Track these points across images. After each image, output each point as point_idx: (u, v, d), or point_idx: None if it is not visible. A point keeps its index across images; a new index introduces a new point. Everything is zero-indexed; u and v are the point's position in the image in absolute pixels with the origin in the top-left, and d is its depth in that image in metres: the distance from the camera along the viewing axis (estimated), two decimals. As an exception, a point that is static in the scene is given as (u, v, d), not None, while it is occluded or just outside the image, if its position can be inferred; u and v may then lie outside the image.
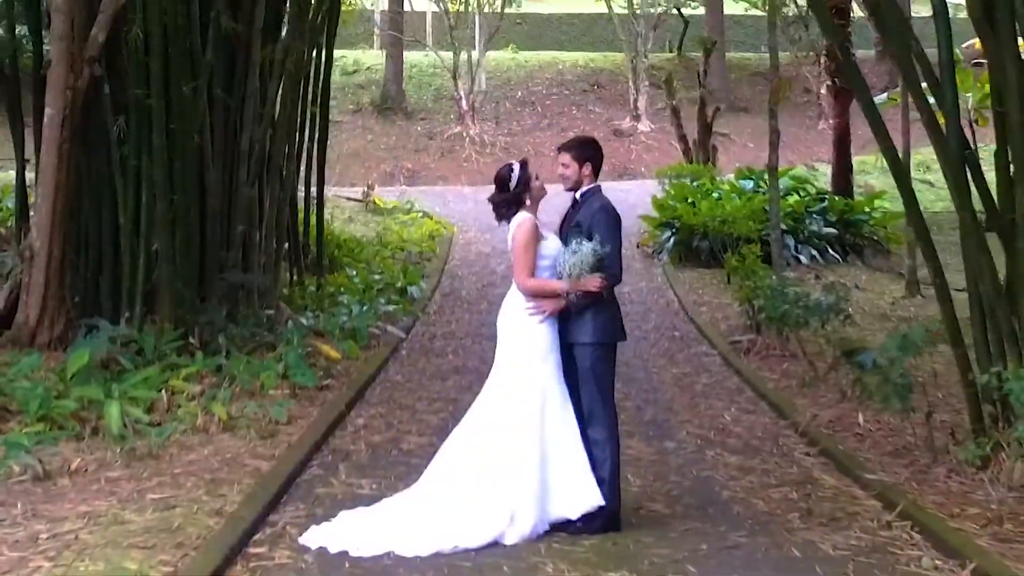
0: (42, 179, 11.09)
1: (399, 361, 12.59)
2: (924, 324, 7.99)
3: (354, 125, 37.65)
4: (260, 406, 9.22)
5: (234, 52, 12.31)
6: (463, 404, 9.74)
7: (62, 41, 10.84)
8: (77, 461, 7.79)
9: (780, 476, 7.88)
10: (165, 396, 9.39)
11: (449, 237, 24.14)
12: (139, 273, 11.22)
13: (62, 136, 10.95)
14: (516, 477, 6.17)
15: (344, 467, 7.90)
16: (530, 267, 6.41)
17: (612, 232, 6.45)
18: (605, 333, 6.52)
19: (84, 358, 9.49)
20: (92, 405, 8.80)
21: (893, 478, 7.58)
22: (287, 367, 10.14)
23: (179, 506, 6.65)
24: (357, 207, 26.32)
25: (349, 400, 10.00)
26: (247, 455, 8.00)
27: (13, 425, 8.48)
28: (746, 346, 13.19)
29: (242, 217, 12.43)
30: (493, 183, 6.76)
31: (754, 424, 9.68)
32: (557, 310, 6.42)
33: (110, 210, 11.51)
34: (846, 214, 21.82)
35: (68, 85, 10.91)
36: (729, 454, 8.50)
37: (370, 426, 9.31)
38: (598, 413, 6.45)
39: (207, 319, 11.27)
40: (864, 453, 8.41)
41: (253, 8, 12.25)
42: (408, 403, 10.31)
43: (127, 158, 11.22)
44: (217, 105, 11.89)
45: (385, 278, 17.62)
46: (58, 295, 11.19)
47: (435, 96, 40.01)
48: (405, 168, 35.05)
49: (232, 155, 12.34)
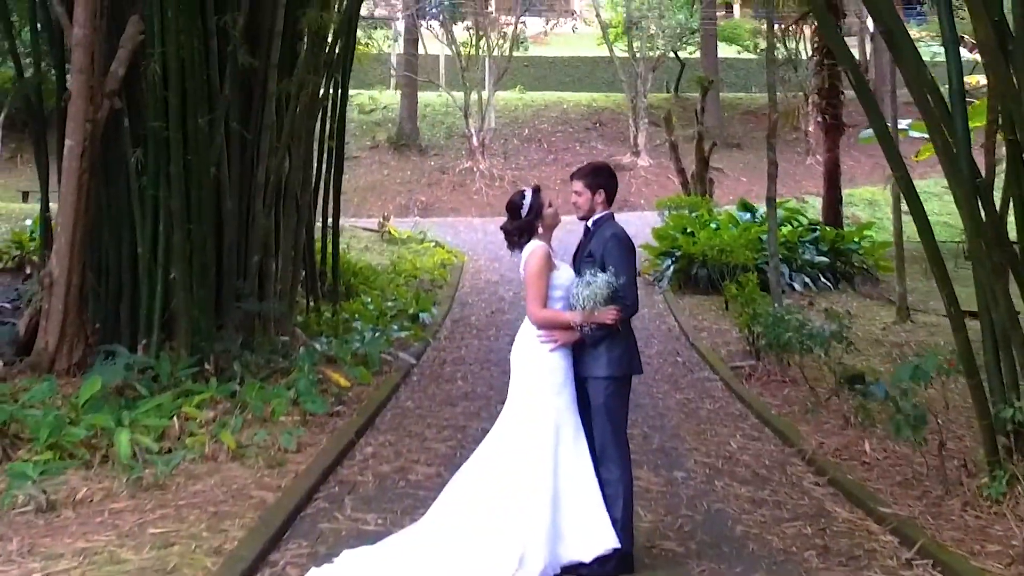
0: (61, 208, 10.53)
1: (410, 387, 11.90)
2: (937, 353, 7.25)
3: (371, 160, 37.38)
4: (269, 434, 8.56)
5: (251, 86, 11.73)
6: (471, 431, 9.14)
7: (82, 74, 10.27)
8: (83, 491, 7.15)
9: (792, 509, 7.19)
10: (177, 423, 8.74)
11: (460, 265, 23.52)
12: (156, 301, 10.60)
13: (81, 167, 10.39)
14: (526, 516, 5.45)
15: (350, 500, 7.19)
16: (542, 297, 5.75)
17: (625, 261, 5.79)
18: (620, 366, 5.83)
19: (96, 385, 8.87)
20: (104, 433, 8.15)
21: (907, 511, 6.91)
22: (298, 394, 9.49)
23: (178, 543, 5.99)
24: (373, 237, 25.86)
25: (359, 427, 9.30)
26: (253, 486, 7.31)
27: (23, 453, 7.88)
28: (747, 371, 12.57)
29: (258, 247, 11.81)
30: (505, 210, 6.07)
31: (761, 452, 8.98)
32: (570, 341, 5.75)
33: (129, 239, 10.91)
34: (837, 244, 21.41)
35: (88, 117, 10.35)
36: (739, 484, 7.80)
37: (379, 455, 8.59)
38: (610, 451, 5.77)
39: (223, 346, 10.66)
40: (874, 483, 7.72)
41: (270, 43, 11.69)
42: (417, 430, 9.58)
43: (145, 189, 10.63)
44: (234, 137, 11.28)
45: (398, 305, 17.03)
46: (77, 322, 10.62)
47: (447, 133, 39.64)
48: (419, 201, 34.61)
49: (249, 186, 11.74)
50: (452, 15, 38.46)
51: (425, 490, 7.10)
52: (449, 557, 5.45)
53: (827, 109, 23.37)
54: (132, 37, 10.61)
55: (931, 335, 15.07)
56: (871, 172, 37.52)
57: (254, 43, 11.56)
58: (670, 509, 7.10)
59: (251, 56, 11.25)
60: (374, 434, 9.40)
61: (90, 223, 10.79)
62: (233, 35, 10.84)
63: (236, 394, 9.62)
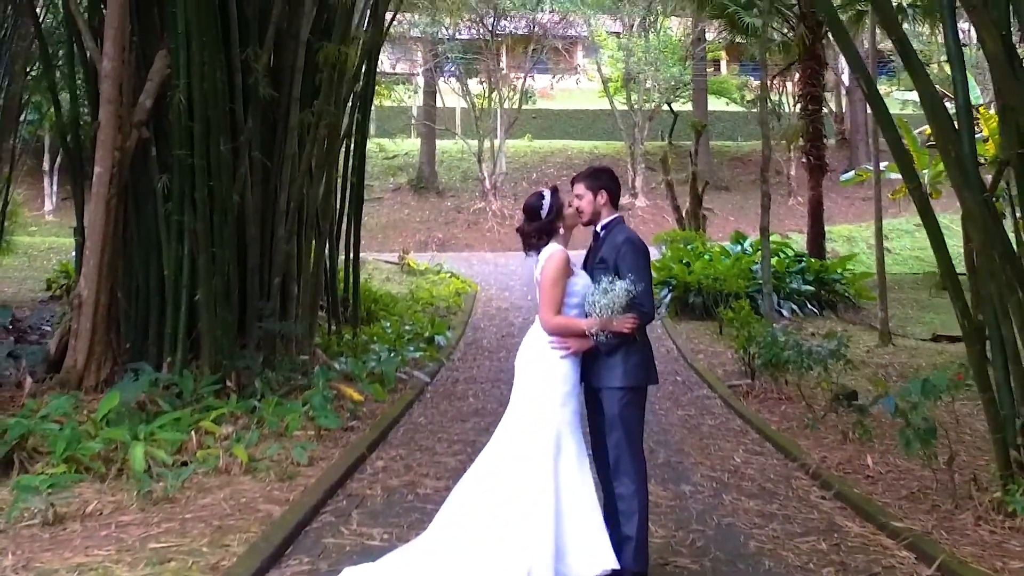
0: (90, 232, 9.84)
1: (423, 404, 11.10)
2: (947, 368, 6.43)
3: (393, 201, 36.97)
4: (282, 448, 7.78)
5: (274, 118, 11.04)
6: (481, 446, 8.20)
7: (110, 105, 9.60)
8: (94, 504, 6.41)
9: (803, 523, 6.35)
10: (195, 437, 7.97)
11: (473, 295, 22.73)
12: (181, 321, 9.84)
13: (109, 193, 9.71)
14: (530, 532, 4.61)
15: (357, 514, 6.36)
16: (557, 303, 4.90)
17: (641, 267, 4.95)
18: (637, 376, 4.99)
19: (114, 400, 8.10)
20: (121, 447, 7.38)
21: (920, 526, 6.08)
22: (312, 409, 8.70)
23: (175, 559, 5.20)
24: (394, 269, 25.21)
25: (371, 442, 8.49)
26: (261, 499, 6.51)
27: (40, 466, 7.12)
28: (744, 390, 11.77)
29: (279, 270, 11.07)
30: (522, 213, 5.21)
31: (764, 466, 8.15)
32: (583, 349, 4.91)
33: (157, 262, 10.20)
34: (821, 274, 20.71)
35: (116, 146, 9.68)
36: (747, 498, 6.97)
37: (389, 468, 7.77)
38: (625, 464, 4.92)
39: (244, 364, 9.94)
40: (880, 497, 6.90)
41: (292, 79, 11.01)
42: (428, 445, 8.77)
43: (171, 214, 9.90)
44: (256, 166, 10.57)
45: (415, 329, 16.25)
46: (104, 341, 9.93)
47: (462, 177, 39.11)
48: (436, 237, 34.06)
49: (271, 213, 11.02)
50: (467, 71, 38.10)
51: (433, 504, 6.28)
52: (452, 574, 4.65)
53: (811, 151, 22.70)
54: (160, 71, 9.97)
55: (912, 357, 14.36)
56: (847, 211, 36.99)
57: (277, 78, 10.95)
58: (681, 524, 6.27)
59: (274, 90, 10.61)
60: (386, 448, 8.60)
61: (118, 247, 10.13)
62: (256, 69, 10.17)
63: (255, 410, 8.89)
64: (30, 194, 30.61)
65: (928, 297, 22.51)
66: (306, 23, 11.08)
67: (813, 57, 22.22)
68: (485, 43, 37.15)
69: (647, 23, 37.45)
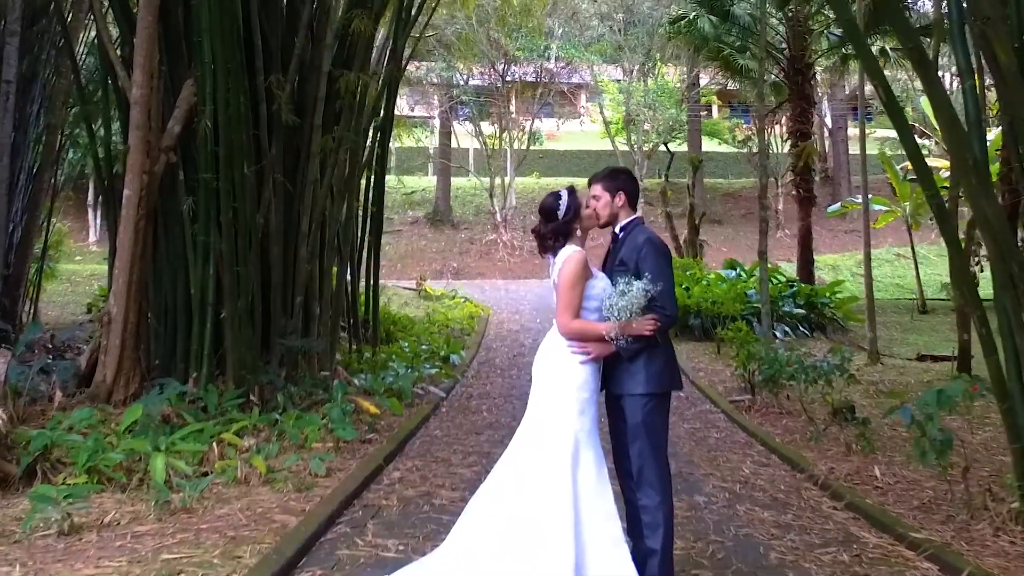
0: (119, 253, 9.31)
1: (439, 417, 10.53)
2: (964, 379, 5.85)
3: (412, 232, 36.62)
4: (301, 459, 7.23)
5: (297, 145, 10.55)
6: (495, 457, 7.67)
7: (139, 130, 9.09)
8: (112, 514, 5.85)
9: (820, 534, 5.77)
10: (216, 449, 7.43)
11: (485, 318, 22.21)
12: (206, 338, 9.30)
13: (138, 215, 9.17)
14: (548, 545, 4.01)
15: (373, 525, 5.79)
16: (576, 307, 4.30)
17: (662, 266, 4.32)
18: (660, 382, 4.37)
19: (137, 412, 7.57)
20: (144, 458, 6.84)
21: (938, 537, 5.51)
22: (331, 422, 8.16)
23: (185, 571, 4.65)
24: (412, 295, 24.72)
25: (388, 453, 7.94)
26: (278, 510, 5.95)
27: (61, 477, 6.57)
28: (746, 404, 11.20)
29: (301, 290, 10.55)
30: (538, 214, 4.60)
31: (774, 477, 7.56)
32: (604, 354, 4.30)
33: (184, 282, 9.65)
34: (812, 298, 20.16)
35: (144, 170, 9.16)
36: (761, 509, 6.39)
37: (405, 479, 7.20)
38: (649, 474, 4.31)
39: (267, 379, 9.40)
40: (892, 508, 6.32)
41: (314, 107, 10.52)
42: (444, 456, 8.20)
43: (197, 234, 9.38)
44: (279, 189, 10.07)
45: (431, 348, 15.74)
46: (133, 356, 9.37)
47: (475, 211, 38.73)
48: (451, 266, 33.63)
49: (294, 235, 10.50)
50: (480, 114, 37.84)
51: (449, 515, 5.74)
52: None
53: (801, 184, 22.29)
54: (187, 98, 9.49)
55: (900, 375, 13.79)
56: (831, 243, 36.53)
57: (300, 107, 10.46)
58: (699, 535, 5.69)
59: (298, 118, 10.15)
60: (403, 460, 8.03)
61: (147, 266, 9.58)
62: (279, 96, 9.69)
63: (277, 422, 8.35)
64: (76, 225, 30.34)
65: (910, 320, 22.05)
66: (328, 55, 10.63)
67: (802, 96, 21.85)
68: (496, 88, 36.89)
69: (646, 69, 37.12)
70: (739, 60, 21.70)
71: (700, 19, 20.93)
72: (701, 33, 20.96)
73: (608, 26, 37.40)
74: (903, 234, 29.67)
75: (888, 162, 24.75)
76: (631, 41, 36.37)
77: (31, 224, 14.52)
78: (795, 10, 21.07)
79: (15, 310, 13.57)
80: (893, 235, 33.51)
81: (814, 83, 22.81)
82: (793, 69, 21.46)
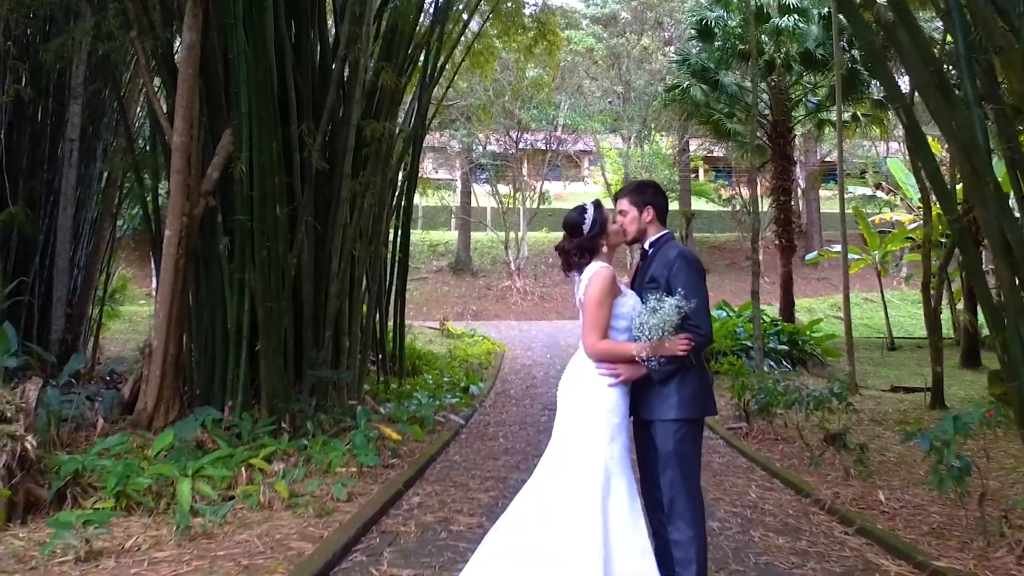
0: (160, 289, 8.67)
1: (459, 444, 9.74)
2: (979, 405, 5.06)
3: (436, 280, 35.95)
4: (322, 484, 6.47)
5: (328, 192, 9.93)
6: (511, 482, 6.96)
7: (179, 175, 8.48)
8: (134, 539, 5.10)
9: (839, 561, 4.96)
10: (245, 473, 6.68)
11: (502, 353, 21.39)
12: (242, 369, 8.57)
13: (177, 253, 8.52)
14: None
15: (389, 553, 5.00)
16: (604, 326, 3.54)
17: (696, 282, 3.59)
18: (693, 407, 3.62)
19: (168, 439, 6.86)
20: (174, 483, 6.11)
21: (960, 564, 4.70)
22: (354, 447, 7.40)
23: (191, 604, 3.89)
24: (435, 333, 23.92)
25: (408, 478, 7.15)
26: (296, 536, 5.18)
27: (90, 501, 5.85)
28: (744, 431, 10.39)
29: (331, 324, 9.85)
30: (563, 229, 3.86)
31: (780, 502, 6.75)
32: (634, 377, 3.52)
33: (223, 316, 8.96)
34: (794, 335, 19.30)
35: (184, 212, 8.53)
36: (775, 535, 5.59)
37: (424, 504, 6.40)
38: (681, 507, 3.50)
39: (298, 407, 8.65)
40: (903, 534, 5.51)
41: (343, 156, 9.91)
42: (462, 481, 7.40)
43: (234, 272, 8.71)
44: (310, 231, 9.42)
45: (452, 380, 14.95)
46: (173, 386, 8.66)
47: (492, 261, 38.03)
48: (471, 309, 32.87)
49: (325, 273, 9.83)
50: (496, 176, 37.44)
51: (466, 542, 4.97)
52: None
53: (782, 235, 21.58)
54: (226, 146, 8.87)
55: (878, 404, 12.96)
56: (806, 288, 35.66)
57: (331, 157, 9.84)
58: (720, 564, 4.87)
59: (328, 165, 9.55)
60: (423, 484, 7.23)
61: (186, 302, 8.94)
62: (310, 144, 9.09)
63: (305, 448, 7.59)
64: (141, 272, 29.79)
65: (881, 356, 21.39)
66: (357, 110, 10.03)
67: (784, 156, 21.23)
68: (510, 154, 36.55)
69: (642, 136, 36.63)
70: (727, 124, 21.11)
71: (693, 88, 20.37)
72: (693, 100, 20.41)
73: (608, 101, 37.12)
74: (869, 280, 29.31)
75: (861, 216, 24.07)
76: (629, 112, 35.97)
77: (92, 269, 13.93)
78: (777, 80, 20.54)
79: (76, 345, 12.95)
80: (860, 282, 32.79)
81: (793, 145, 22.19)
82: (775, 132, 20.90)
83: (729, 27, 19.95)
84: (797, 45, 19.52)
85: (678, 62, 21.98)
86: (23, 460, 5.66)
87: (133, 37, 8.81)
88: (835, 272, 36.50)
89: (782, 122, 20.79)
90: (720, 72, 20.54)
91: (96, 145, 13.04)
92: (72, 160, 11.72)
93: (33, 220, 11.64)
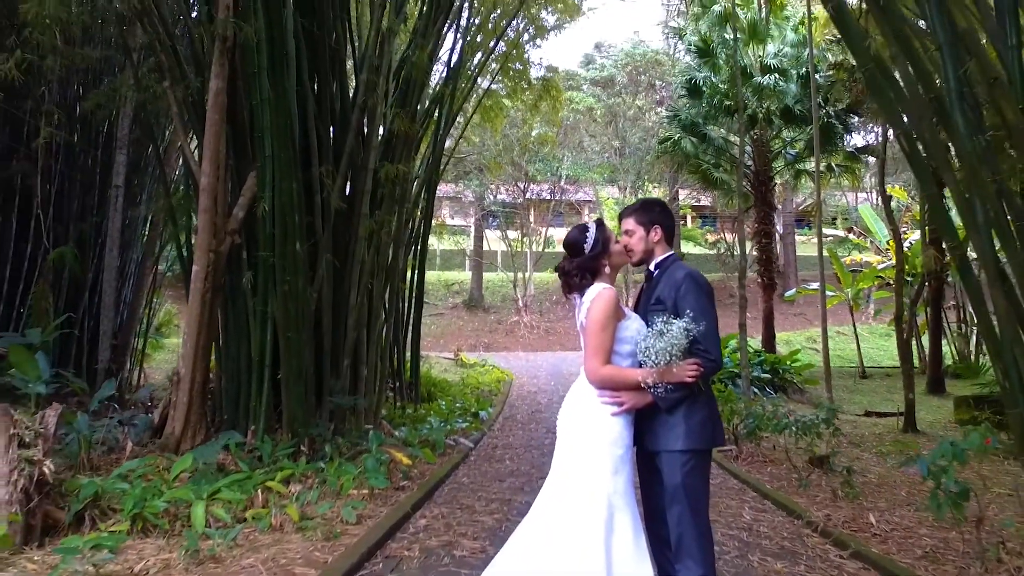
0: (188, 320, 8.23)
1: (467, 466, 9.20)
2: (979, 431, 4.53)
3: (451, 315, 35.51)
4: (333, 506, 5.95)
5: (347, 232, 9.51)
6: (516, 504, 6.42)
7: (206, 213, 8.09)
8: (143, 563, 4.60)
9: (841, 589, 4.44)
10: (261, 496, 6.18)
11: (510, 381, 20.86)
12: (264, 396, 8.12)
13: (204, 287, 8.10)
14: None
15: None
16: (607, 350, 2.98)
17: (704, 305, 3.04)
18: (702, 437, 3.05)
19: (187, 462, 6.37)
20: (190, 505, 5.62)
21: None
22: (365, 471, 6.88)
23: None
24: (450, 363, 23.44)
25: (416, 500, 6.61)
26: (301, 561, 4.66)
27: (107, 524, 5.35)
28: (734, 454, 9.82)
29: (349, 354, 9.38)
30: (563, 249, 3.38)
31: (774, 524, 6.19)
32: (639, 405, 2.97)
33: (247, 346, 8.52)
34: (775, 364, 18.78)
35: (210, 248, 8.12)
36: (773, 559, 5.03)
37: (430, 527, 5.87)
38: (689, 543, 2.94)
39: (317, 432, 8.16)
40: (898, 557, 4.96)
41: (361, 198, 9.51)
42: (469, 503, 6.86)
43: (257, 305, 8.29)
44: (330, 267, 9.00)
45: (464, 405, 14.44)
46: (199, 412, 8.19)
47: (502, 298, 37.58)
48: (483, 341, 32.36)
49: (344, 306, 9.37)
50: (506, 222, 37.15)
51: (468, 568, 4.44)
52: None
53: (764, 274, 21.08)
54: (251, 187, 8.49)
55: (854, 428, 12.45)
56: (783, 323, 34.97)
57: (350, 197, 9.47)
58: (722, 593, 4.37)
59: (347, 206, 9.16)
60: (430, 507, 6.69)
61: (213, 333, 8.51)
62: (329, 185, 8.72)
63: (322, 471, 7.11)
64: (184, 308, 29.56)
65: (853, 384, 20.95)
66: (374, 155, 9.65)
67: (766, 203, 20.80)
68: (518, 202, 36.37)
69: (636, 187, 36.32)
70: (714, 173, 20.74)
71: (683, 140, 20.07)
72: (684, 151, 20.10)
73: (606, 155, 36.94)
74: (840, 315, 28.95)
75: (835, 256, 23.64)
76: (625, 165, 35.78)
77: (136, 304, 13.62)
78: (759, 133, 20.21)
79: (120, 373, 12.55)
80: (833, 317, 32.25)
81: (774, 192, 21.79)
82: (758, 180, 20.52)
83: (716, 85, 19.68)
84: (777, 102, 19.22)
85: (669, 117, 21.73)
86: (41, 484, 5.18)
87: (166, 87, 8.49)
88: (810, 308, 35.95)
89: (764, 171, 20.43)
90: (708, 126, 20.26)
91: (140, 192, 12.76)
92: (118, 205, 11.40)
93: (82, 260, 11.37)
